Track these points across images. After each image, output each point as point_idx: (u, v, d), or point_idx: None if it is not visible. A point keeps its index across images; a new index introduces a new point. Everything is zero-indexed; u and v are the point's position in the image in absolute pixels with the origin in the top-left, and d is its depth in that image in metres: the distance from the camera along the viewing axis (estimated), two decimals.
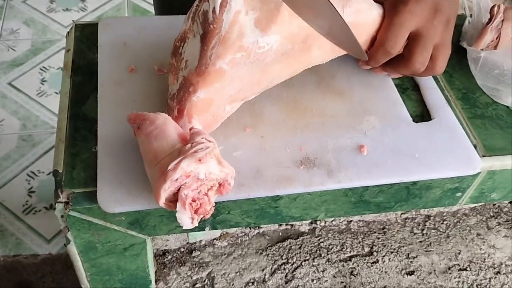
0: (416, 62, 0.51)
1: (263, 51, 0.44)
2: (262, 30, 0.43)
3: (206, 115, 0.47)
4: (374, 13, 0.50)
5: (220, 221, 0.50)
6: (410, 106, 0.56)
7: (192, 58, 0.44)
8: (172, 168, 0.39)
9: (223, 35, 0.42)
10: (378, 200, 0.53)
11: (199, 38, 0.43)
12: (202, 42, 0.43)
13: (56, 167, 0.47)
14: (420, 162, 0.50)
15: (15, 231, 1.34)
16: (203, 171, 0.40)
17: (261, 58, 0.45)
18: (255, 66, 0.45)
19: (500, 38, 0.59)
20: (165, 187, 0.39)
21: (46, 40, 1.86)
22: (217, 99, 0.46)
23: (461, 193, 0.55)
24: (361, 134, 0.52)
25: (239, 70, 0.44)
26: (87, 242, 0.49)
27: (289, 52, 0.46)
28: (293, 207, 0.51)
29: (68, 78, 0.55)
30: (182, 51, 0.46)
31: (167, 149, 0.41)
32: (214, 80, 0.44)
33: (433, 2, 0.50)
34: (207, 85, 0.44)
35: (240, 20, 0.42)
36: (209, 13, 0.41)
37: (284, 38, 0.45)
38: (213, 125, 0.48)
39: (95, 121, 0.50)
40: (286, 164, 0.48)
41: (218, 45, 0.42)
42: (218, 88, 0.45)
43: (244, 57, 0.43)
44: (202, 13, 0.42)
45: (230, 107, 0.49)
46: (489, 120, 0.56)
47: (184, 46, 0.46)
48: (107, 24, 0.59)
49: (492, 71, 0.57)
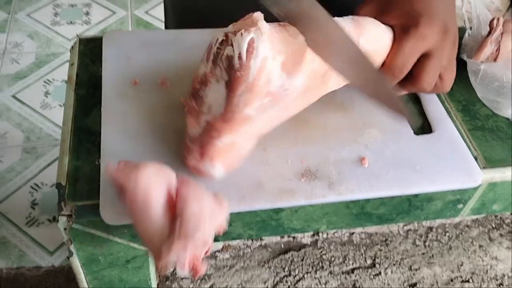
0: (425, 82, 0.50)
1: (288, 92, 0.43)
2: (288, 73, 0.42)
3: (229, 156, 0.46)
4: (386, 38, 0.50)
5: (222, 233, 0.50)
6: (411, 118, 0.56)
7: (216, 103, 0.43)
8: (165, 255, 0.38)
9: (251, 82, 0.40)
10: (379, 212, 0.53)
11: (224, 84, 0.42)
12: (229, 89, 0.41)
13: (60, 179, 0.47)
14: (421, 174, 0.50)
15: (18, 243, 1.34)
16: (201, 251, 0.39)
17: (286, 99, 0.44)
18: (280, 106, 0.44)
19: (500, 50, 0.60)
20: (162, 265, 0.38)
21: (50, 53, 1.88)
22: (241, 141, 0.45)
23: (463, 204, 0.55)
24: (362, 146, 0.52)
25: (265, 113, 0.44)
26: (90, 255, 0.50)
27: (310, 87, 0.46)
28: (294, 219, 0.51)
29: (72, 92, 0.55)
30: (204, 94, 0.45)
31: (155, 228, 0.39)
32: (241, 126, 0.43)
33: (443, 23, 0.49)
34: (233, 131, 0.43)
35: (268, 66, 0.41)
36: (235, 59, 0.40)
37: (307, 77, 0.44)
38: (235, 165, 0.47)
39: (99, 134, 0.50)
40: (288, 177, 0.48)
41: (245, 92, 0.41)
42: (243, 132, 0.44)
43: (271, 101, 0.43)
44: (226, 58, 0.41)
45: (250, 145, 0.48)
46: (490, 132, 0.56)
47: (206, 90, 0.44)
48: (112, 38, 0.60)
49: (492, 83, 0.58)
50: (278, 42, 0.41)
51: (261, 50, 0.40)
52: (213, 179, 0.46)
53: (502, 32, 0.60)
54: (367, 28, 0.49)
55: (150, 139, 0.50)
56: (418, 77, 0.50)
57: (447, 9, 0.51)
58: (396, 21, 0.51)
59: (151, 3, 2.12)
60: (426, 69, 0.50)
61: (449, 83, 0.53)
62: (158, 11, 2.09)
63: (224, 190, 0.46)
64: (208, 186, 0.46)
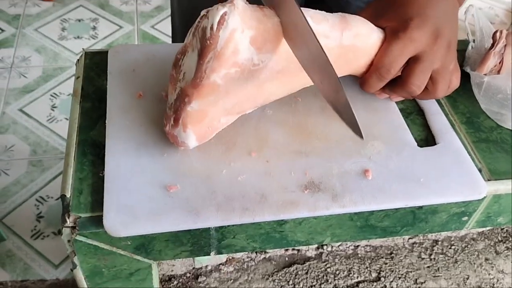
0: (413, 84, 0.51)
1: (258, 68, 0.46)
2: (258, 48, 0.45)
3: (200, 125, 0.48)
4: (374, 37, 0.51)
5: (226, 245, 0.50)
6: (414, 130, 0.56)
7: (189, 70, 0.47)
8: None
9: (219, 50, 0.44)
10: (384, 225, 0.53)
11: (197, 53, 0.45)
12: (199, 56, 0.45)
13: (64, 192, 0.48)
14: (425, 186, 0.50)
15: (23, 256, 1.34)
16: None
17: (256, 75, 0.47)
18: (250, 82, 0.47)
19: (503, 63, 0.60)
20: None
21: (57, 67, 1.90)
22: (212, 111, 0.48)
23: (468, 217, 0.55)
24: (366, 158, 0.52)
25: (234, 85, 0.46)
26: (94, 267, 0.50)
27: (284, 70, 0.48)
28: (298, 232, 0.51)
29: (77, 104, 0.56)
30: (181, 63, 0.48)
31: None
32: (208, 93, 0.46)
33: (435, 27, 0.50)
34: (201, 97, 0.46)
35: (236, 38, 0.44)
36: (207, 29, 0.44)
37: (279, 57, 0.47)
38: (208, 136, 0.50)
39: (103, 146, 0.51)
40: (291, 189, 0.48)
41: (213, 59, 0.44)
42: (212, 101, 0.47)
43: (238, 72, 0.45)
44: (202, 29, 0.45)
45: (226, 120, 0.50)
46: (494, 144, 0.56)
47: (183, 59, 0.48)
48: (117, 51, 0.60)
49: (495, 96, 0.58)
50: (251, 18, 0.45)
51: (231, 22, 0.43)
52: (187, 147, 0.49)
53: (505, 45, 0.60)
54: (353, 24, 0.50)
55: (153, 151, 0.50)
56: (406, 80, 0.51)
57: (442, 15, 0.51)
58: (388, 24, 0.52)
59: (157, 17, 2.15)
60: (414, 72, 0.50)
61: (442, 88, 0.53)
62: (164, 25, 2.11)
63: (227, 202, 0.46)
64: (210, 197, 0.46)
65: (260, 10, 0.46)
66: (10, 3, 2.17)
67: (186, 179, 0.48)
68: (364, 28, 0.50)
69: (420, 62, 0.50)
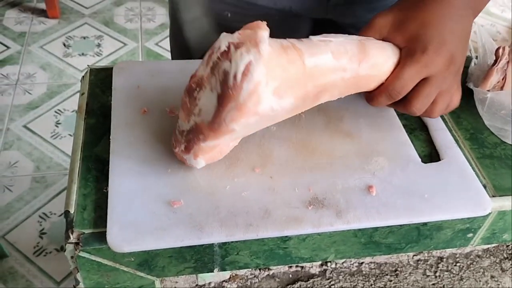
0: (415, 107, 0.51)
1: (276, 113, 0.45)
2: (280, 96, 0.44)
3: (211, 153, 0.49)
4: (389, 64, 0.50)
5: (229, 262, 0.50)
6: (418, 146, 0.56)
7: (206, 110, 0.45)
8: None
9: (241, 102, 0.42)
10: (388, 241, 0.52)
11: (216, 96, 0.43)
12: (219, 103, 0.43)
13: (68, 207, 0.48)
14: (429, 202, 0.50)
15: (26, 273, 1.34)
16: None
17: (273, 118, 0.46)
18: (265, 121, 0.47)
19: (506, 79, 0.60)
20: None
21: (61, 83, 1.91)
22: (224, 142, 0.48)
23: (473, 234, 0.54)
24: (370, 174, 0.52)
25: (249, 127, 0.46)
26: (96, 284, 0.49)
27: (299, 106, 0.47)
28: (302, 248, 0.50)
29: (82, 121, 0.56)
30: (197, 96, 0.46)
31: None
32: (224, 135, 0.45)
33: (450, 54, 0.49)
34: (216, 138, 0.46)
35: (260, 90, 0.42)
36: (230, 77, 0.41)
37: (297, 99, 0.46)
38: (216, 158, 0.50)
39: (107, 162, 0.51)
40: (295, 204, 0.48)
41: (233, 109, 0.42)
42: (228, 138, 0.47)
43: (257, 120, 0.44)
44: (223, 72, 0.42)
45: (234, 143, 0.50)
46: (498, 160, 0.56)
47: (199, 93, 0.46)
48: (122, 68, 0.61)
49: (499, 112, 0.58)
50: (275, 68, 0.43)
51: (256, 75, 0.41)
52: (194, 167, 0.49)
53: (508, 61, 0.60)
54: (371, 54, 0.49)
55: (157, 167, 0.50)
56: (411, 101, 0.51)
57: (458, 40, 0.51)
58: (405, 43, 0.51)
59: (162, 35, 2.17)
60: (420, 95, 0.50)
61: (440, 109, 0.52)
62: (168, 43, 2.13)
63: (231, 218, 0.46)
64: (214, 213, 0.46)
65: (284, 54, 0.44)
66: (16, 20, 2.19)
67: (190, 195, 0.48)
68: (381, 57, 0.50)
69: (428, 86, 0.50)
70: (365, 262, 0.65)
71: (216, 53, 0.43)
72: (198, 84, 0.46)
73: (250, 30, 0.43)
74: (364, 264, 0.65)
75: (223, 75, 0.42)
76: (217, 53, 0.43)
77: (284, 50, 0.44)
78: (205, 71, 0.45)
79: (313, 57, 0.45)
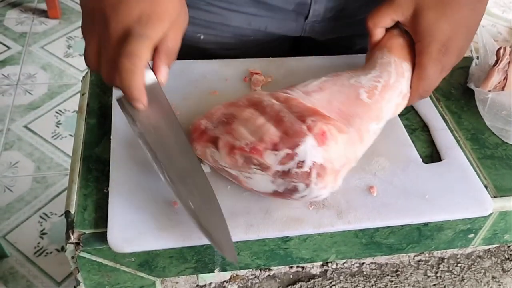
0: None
1: None
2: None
3: None
4: (408, 80, 0.53)
5: (230, 262, 0.50)
6: (419, 146, 0.56)
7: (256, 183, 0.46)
8: None
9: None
10: (389, 242, 0.52)
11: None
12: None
13: (68, 208, 0.48)
14: (430, 203, 0.50)
15: (26, 273, 1.34)
16: None
17: None
18: None
19: (507, 79, 0.60)
20: None
21: (62, 84, 1.91)
22: None
23: (474, 234, 0.54)
24: (371, 175, 0.52)
25: None
26: (97, 284, 0.49)
27: None
28: (303, 249, 0.50)
29: (83, 121, 0.56)
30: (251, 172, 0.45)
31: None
32: None
33: (460, 48, 0.52)
34: None
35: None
36: (297, 194, 0.44)
37: None
38: None
39: (108, 163, 0.51)
40: (296, 205, 0.48)
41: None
42: None
43: None
44: (293, 186, 0.44)
45: None
46: (499, 161, 0.56)
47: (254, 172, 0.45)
48: None
49: (500, 112, 0.58)
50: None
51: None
52: None
53: (509, 61, 0.60)
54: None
55: None
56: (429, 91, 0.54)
57: (468, 33, 0.53)
58: (420, 37, 0.52)
59: None
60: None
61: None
62: None
63: (232, 218, 0.46)
64: None
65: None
66: (17, 21, 2.19)
67: None
68: (405, 85, 0.53)
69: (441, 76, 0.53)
70: (366, 263, 0.65)
71: (293, 162, 0.43)
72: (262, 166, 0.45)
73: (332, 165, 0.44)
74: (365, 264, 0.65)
75: (291, 186, 0.44)
76: (295, 162, 0.43)
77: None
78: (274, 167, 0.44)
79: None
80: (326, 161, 0.43)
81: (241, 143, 0.45)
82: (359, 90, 0.50)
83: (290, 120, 0.45)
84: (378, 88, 0.50)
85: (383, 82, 0.51)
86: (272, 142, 0.44)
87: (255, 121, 0.46)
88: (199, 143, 0.48)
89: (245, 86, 0.60)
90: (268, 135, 0.44)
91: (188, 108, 0.56)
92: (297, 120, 0.45)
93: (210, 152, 0.47)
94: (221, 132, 0.47)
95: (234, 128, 0.46)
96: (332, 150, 0.44)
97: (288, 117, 0.45)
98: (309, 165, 0.43)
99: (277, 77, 0.61)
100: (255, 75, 0.61)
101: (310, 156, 0.43)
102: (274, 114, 0.46)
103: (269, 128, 0.45)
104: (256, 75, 0.61)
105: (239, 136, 0.45)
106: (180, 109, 0.56)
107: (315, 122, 0.44)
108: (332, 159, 0.44)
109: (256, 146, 0.44)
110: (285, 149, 0.43)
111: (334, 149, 0.44)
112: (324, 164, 0.43)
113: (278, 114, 0.46)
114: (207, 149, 0.47)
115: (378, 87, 0.50)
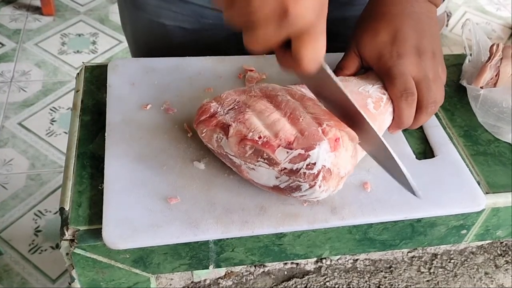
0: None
1: None
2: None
3: None
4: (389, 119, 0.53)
5: (224, 259, 0.50)
6: (413, 143, 0.57)
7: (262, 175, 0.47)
8: None
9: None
10: (382, 238, 0.53)
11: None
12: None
13: (63, 204, 0.48)
14: (424, 199, 0.50)
15: (21, 270, 1.34)
16: None
17: None
18: None
19: (499, 75, 0.60)
20: None
21: (56, 81, 1.91)
22: None
23: (466, 230, 0.55)
24: (365, 171, 0.52)
25: None
26: (92, 280, 0.49)
27: None
28: (297, 245, 0.51)
29: (77, 118, 0.56)
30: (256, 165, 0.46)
31: None
32: None
33: (432, 52, 0.53)
34: None
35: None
36: (299, 192, 0.45)
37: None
38: None
39: (102, 159, 0.51)
40: (290, 201, 0.48)
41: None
42: None
43: None
44: (296, 185, 0.44)
45: None
46: (492, 157, 0.57)
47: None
48: (116, 65, 0.61)
49: (492, 109, 0.58)
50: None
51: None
52: None
53: (501, 58, 0.60)
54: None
55: (153, 163, 0.50)
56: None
57: (433, 36, 0.55)
58: (381, 64, 0.53)
59: None
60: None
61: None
62: None
63: (227, 214, 0.46)
64: (209, 209, 0.46)
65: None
66: (11, 17, 2.18)
67: (186, 192, 0.48)
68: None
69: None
70: (360, 259, 0.65)
71: (304, 162, 0.43)
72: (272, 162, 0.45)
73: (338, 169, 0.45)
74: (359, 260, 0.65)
75: (295, 184, 0.44)
76: (305, 163, 0.43)
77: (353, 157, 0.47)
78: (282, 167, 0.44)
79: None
80: (334, 166, 0.44)
81: (253, 135, 0.44)
82: (367, 100, 0.51)
83: (306, 121, 0.45)
84: (383, 100, 0.51)
85: (387, 95, 0.52)
86: (287, 140, 0.44)
87: (270, 115, 0.46)
88: (208, 126, 0.48)
89: (240, 83, 0.60)
90: (283, 132, 0.44)
91: (183, 105, 0.56)
92: (313, 122, 0.45)
93: (217, 137, 0.47)
94: (232, 119, 0.46)
95: (247, 118, 0.46)
96: (341, 157, 0.45)
97: (304, 117, 0.46)
98: (318, 168, 0.43)
99: (271, 74, 0.61)
100: (250, 72, 0.61)
101: (321, 160, 0.43)
102: (289, 111, 0.46)
103: (284, 125, 0.45)
104: (250, 72, 0.61)
105: (252, 127, 0.45)
106: (175, 106, 0.56)
107: (331, 127, 0.45)
108: (339, 165, 0.45)
109: (270, 141, 0.44)
110: (298, 149, 0.43)
111: (343, 156, 0.45)
112: (332, 169, 0.44)
113: (294, 112, 0.46)
114: (214, 134, 0.47)
115: (383, 99, 0.52)
